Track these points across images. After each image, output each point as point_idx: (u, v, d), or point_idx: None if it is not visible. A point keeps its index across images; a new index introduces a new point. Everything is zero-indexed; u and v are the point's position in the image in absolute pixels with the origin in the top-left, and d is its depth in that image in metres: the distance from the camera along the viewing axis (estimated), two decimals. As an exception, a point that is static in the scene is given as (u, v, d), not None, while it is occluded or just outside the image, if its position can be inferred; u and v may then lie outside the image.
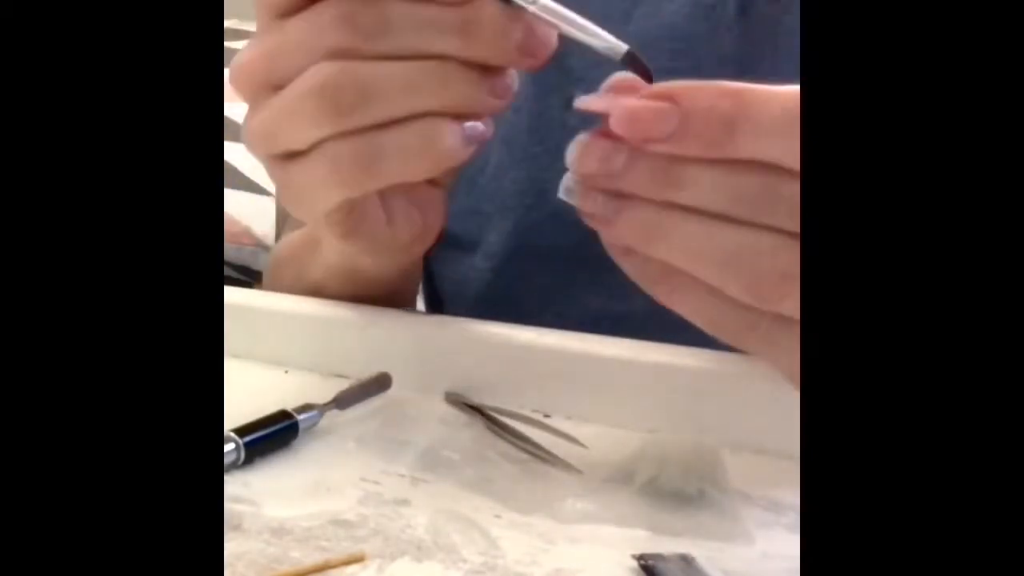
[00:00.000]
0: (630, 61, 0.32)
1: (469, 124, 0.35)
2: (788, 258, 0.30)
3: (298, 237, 0.56)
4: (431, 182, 0.42)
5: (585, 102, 0.32)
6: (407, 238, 0.41)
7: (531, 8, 0.33)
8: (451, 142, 0.34)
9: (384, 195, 0.39)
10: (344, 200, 0.37)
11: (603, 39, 0.33)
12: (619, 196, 0.32)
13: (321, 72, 0.33)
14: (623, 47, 0.33)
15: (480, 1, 0.32)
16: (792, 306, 0.31)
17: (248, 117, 0.36)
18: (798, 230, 0.30)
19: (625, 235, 0.32)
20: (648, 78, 0.32)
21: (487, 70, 0.34)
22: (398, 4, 0.32)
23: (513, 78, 0.35)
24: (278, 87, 0.34)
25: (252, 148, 0.37)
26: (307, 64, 0.33)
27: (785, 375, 0.37)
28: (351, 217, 0.38)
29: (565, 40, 0.34)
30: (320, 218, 0.39)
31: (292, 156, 0.36)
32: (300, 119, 0.34)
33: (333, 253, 0.47)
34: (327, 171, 0.35)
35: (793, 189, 0.30)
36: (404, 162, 0.34)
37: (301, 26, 0.33)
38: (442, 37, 0.33)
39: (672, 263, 0.32)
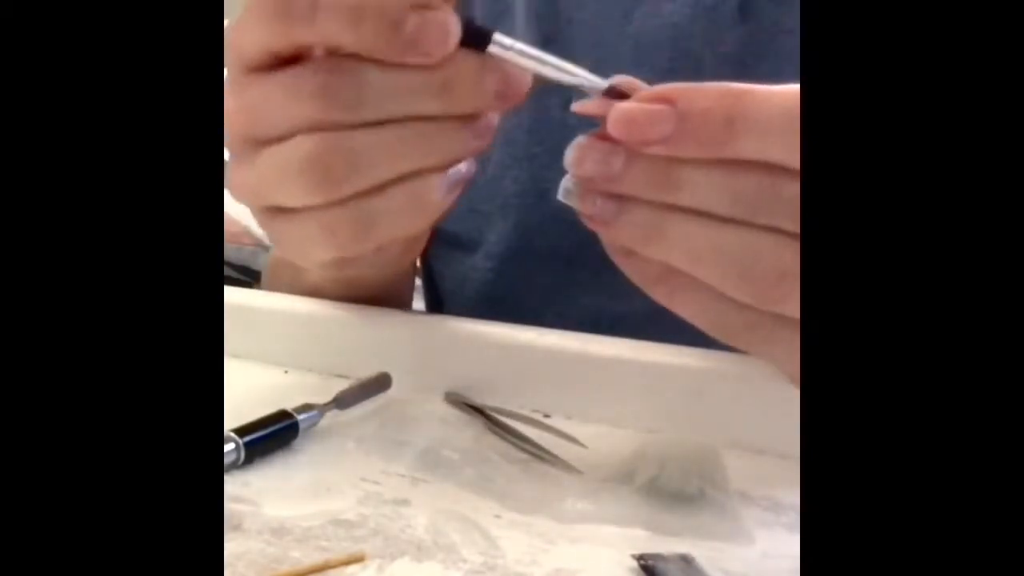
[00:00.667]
0: (613, 95, 0.32)
1: (452, 171, 0.34)
2: (788, 258, 0.30)
3: None
4: None
5: (582, 106, 0.32)
6: (396, 254, 0.41)
7: (507, 55, 0.32)
8: (439, 195, 0.34)
9: None
10: (340, 256, 0.36)
11: (582, 77, 0.32)
12: (618, 198, 0.32)
13: (307, 145, 0.32)
14: (603, 83, 0.32)
15: (455, 58, 0.31)
16: (793, 306, 0.31)
17: (233, 169, 0.35)
18: (798, 230, 0.30)
19: (624, 237, 0.32)
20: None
21: (467, 117, 0.33)
22: (374, 72, 0.31)
23: (493, 117, 0.35)
24: (261, 143, 0.34)
25: (238, 199, 0.36)
26: (289, 128, 0.33)
27: (786, 375, 0.37)
28: (344, 261, 0.38)
29: (561, 43, 0.33)
30: (313, 266, 0.39)
31: (282, 211, 0.35)
32: (290, 188, 0.33)
33: None
34: (320, 234, 0.34)
35: (792, 189, 0.29)
36: (397, 223, 0.34)
37: (279, 91, 0.32)
38: (422, 100, 0.32)
39: (672, 264, 0.32)
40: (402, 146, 0.33)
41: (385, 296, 0.48)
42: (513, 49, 0.32)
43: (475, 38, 0.32)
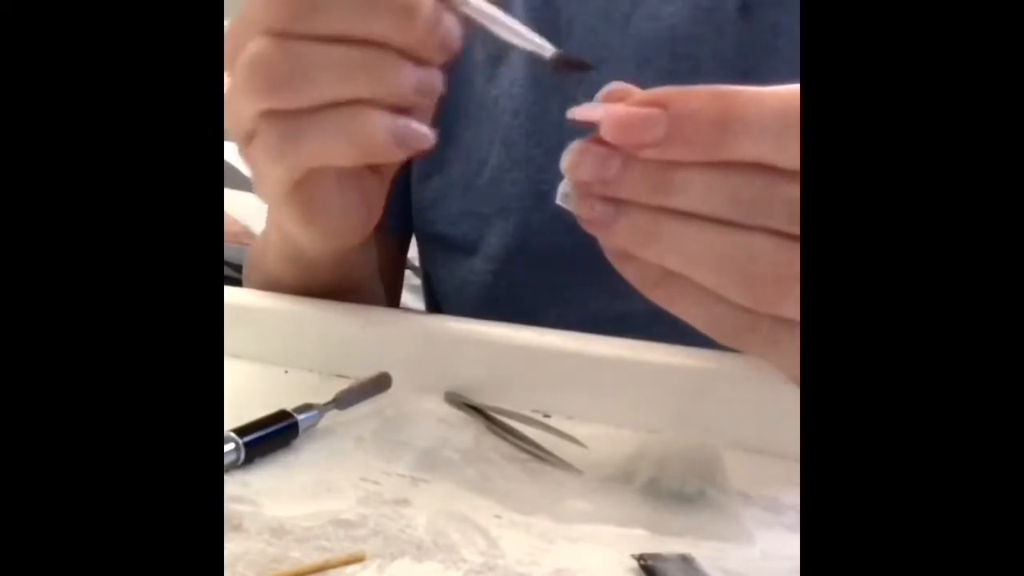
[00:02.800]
0: (561, 62, 0.32)
1: (403, 121, 0.35)
2: (785, 260, 0.30)
3: (259, 236, 0.57)
4: (375, 172, 0.42)
5: (579, 112, 0.32)
6: (350, 225, 0.42)
7: (462, 8, 0.33)
8: (376, 132, 0.34)
9: (340, 184, 0.40)
10: (284, 178, 0.37)
11: (531, 41, 0.33)
12: (615, 202, 0.32)
13: (257, 46, 0.33)
14: (551, 49, 0.33)
15: None
16: (790, 307, 0.31)
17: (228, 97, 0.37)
18: (794, 231, 0.30)
19: (622, 240, 0.32)
20: (586, 68, 0.32)
21: (416, 61, 0.34)
22: None
23: (438, 77, 0.35)
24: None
25: (230, 129, 0.37)
26: (253, 33, 0.34)
27: (787, 375, 0.37)
28: (308, 204, 0.39)
29: (561, 44, 0.33)
30: (277, 202, 0.40)
31: (249, 136, 0.36)
32: (239, 95, 0.35)
33: (277, 235, 0.48)
34: (260, 148, 0.36)
35: (787, 190, 0.29)
36: (327, 146, 0.35)
37: (251, 4, 0.34)
38: (380, 21, 0.33)
39: (669, 267, 0.32)
40: (348, 67, 0.34)
41: (335, 286, 0.49)
42: (470, 3, 0.33)
43: None
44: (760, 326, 0.32)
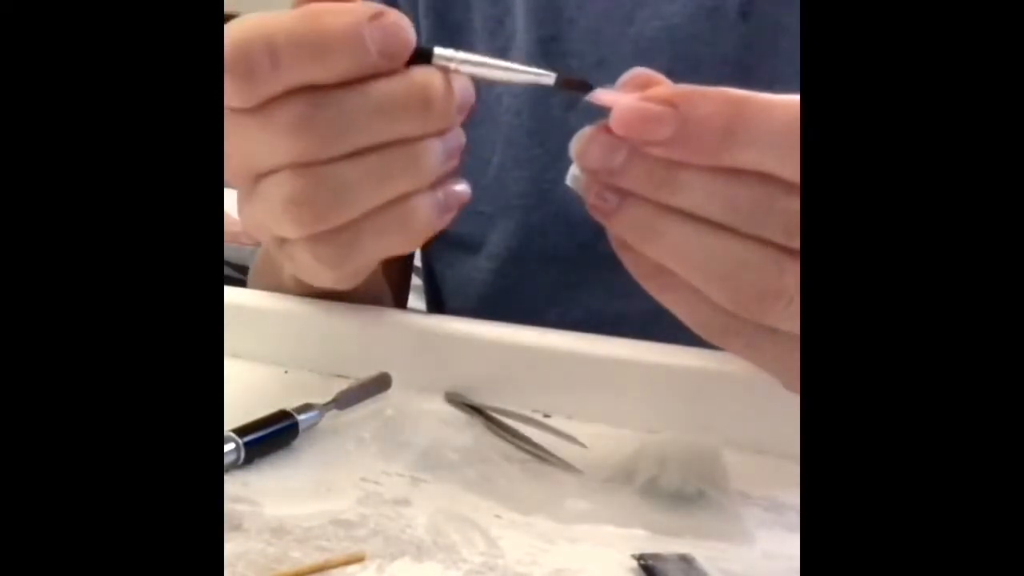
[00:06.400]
0: (564, 84, 0.33)
1: (443, 192, 0.35)
2: (773, 273, 0.30)
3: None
4: None
5: (597, 95, 0.32)
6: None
7: (452, 65, 0.33)
8: (427, 216, 0.34)
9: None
10: (343, 276, 0.37)
11: (529, 73, 0.33)
12: (620, 191, 0.32)
13: (288, 185, 0.32)
14: (551, 75, 0.33)
15: (417, 71, 0.32)
16: (774, 319, 0.31)
17: (239, 206, 0.36)
18: (788, 244, 0.30)
19: (621, 231, 0.32)
20: (587, 89, 0.32)
21: (440, 134, 0.34)
22: (350, 98, 0.31)
23: (461, 135, 0.35)
24: (256, 178, 0.34)
25: (248, 232, 0.37)
26: (273, 164, 0.33)
27: (774, 378, 0.37)
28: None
29: (562, 43, 0.33)
30: (324, 285, 0.39)
31: (286, 240, 0.36)
32: (282, 225, 0.34)
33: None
34: (313, 259, 0.35)
35: (785, 202, 0.29)
36: (385, 245, 0.35)
37: (257, 130, 0.32)
38: (403, 121, 0.32)
39: (663, 263, 0.32)
40: (385, 172, 0.33)
41: (364, 289, 0.49)
42: (456, 59, 0.32)
43: (418, 55, 0.32)
44: (743, 331, 0.32)
